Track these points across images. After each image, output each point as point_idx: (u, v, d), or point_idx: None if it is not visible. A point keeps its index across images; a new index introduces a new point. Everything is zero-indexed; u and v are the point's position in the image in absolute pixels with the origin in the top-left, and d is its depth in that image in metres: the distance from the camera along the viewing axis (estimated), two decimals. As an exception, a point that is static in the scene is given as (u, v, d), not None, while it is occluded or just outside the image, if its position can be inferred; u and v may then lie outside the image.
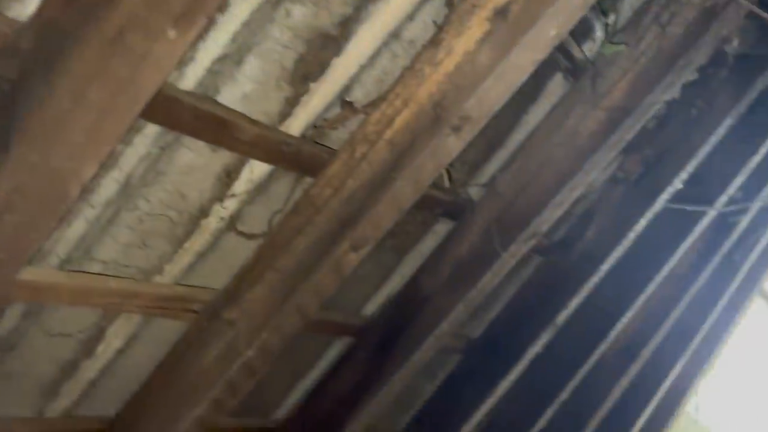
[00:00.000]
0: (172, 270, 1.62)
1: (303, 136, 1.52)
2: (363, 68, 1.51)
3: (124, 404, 1.77)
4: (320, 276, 1.57)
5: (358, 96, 1.57)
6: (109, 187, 1.39)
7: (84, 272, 1.48)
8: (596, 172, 2.07)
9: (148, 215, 1.51)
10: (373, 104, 1.56)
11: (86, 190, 1.36)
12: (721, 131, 2.42)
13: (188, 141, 1.40)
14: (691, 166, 2.39)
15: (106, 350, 1.68)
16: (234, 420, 2.12)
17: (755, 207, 2.70)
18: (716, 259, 3.04)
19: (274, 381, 2.18)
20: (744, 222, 2.85)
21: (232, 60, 1.33)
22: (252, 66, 1.36)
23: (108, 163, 1.35)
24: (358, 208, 1.54)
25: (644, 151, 2.39)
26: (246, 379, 1.66)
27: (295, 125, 1.50)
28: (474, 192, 2.11)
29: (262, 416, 2.25)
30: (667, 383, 3.81)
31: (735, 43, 2.14)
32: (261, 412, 2.24)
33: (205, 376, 1.64)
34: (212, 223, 1.57)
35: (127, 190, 1.43)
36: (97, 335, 1.65)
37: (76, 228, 1.43)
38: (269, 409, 2.26)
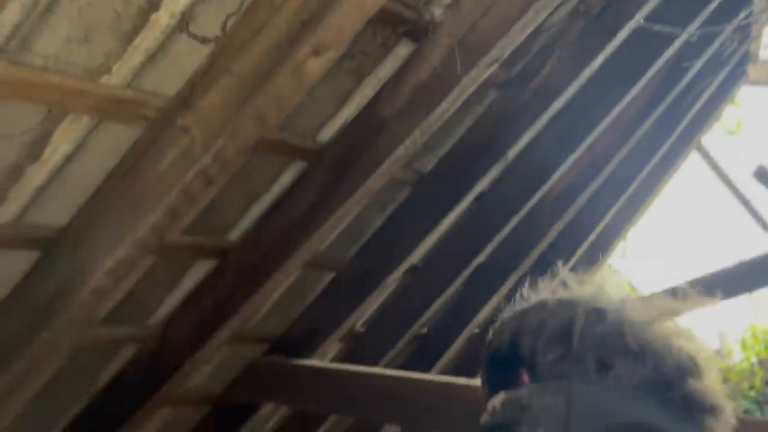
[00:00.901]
0: (121, 70, 1.53)
1: (262, -77, 1.40)
2: None
3: (76, 212, 1.74)
4: (279, 81, 1.52)
5: None
6: (44, -34, 1.26)
7: (24, 64, 1.38)
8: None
9: (90, 5, 1.39)
10: None
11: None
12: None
13: None
14: (653, 1, 2.36)
15: (53, 155, 1.62)
16: (189, 238, 2.14)
17: (727, 31, 2.70)
18: (664, 105, 3.11)
19: (228, 203, 2.18)
20: (696, 68, 2.89)
21: None
22: None
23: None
24: (319, 9, 1.46)
25: (610, -18, 2.33)
26: (203, 188, 1.65)
27: None
28: (438, 13, 2.03)
29: (217, 237, 2.27)
30: (599, 227, 4.04)
31: None
32: (215, 232, 2.26)
33: (160, 183, 1.62)
34: (163, 18, 1.47)
35: (66, -27, 1.30)
36: (42, 138, 1.58)
37: (12, 12, 1.31)
38: (223, 231, 2.28)
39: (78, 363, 2.17)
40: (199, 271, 2.30)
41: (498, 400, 0.66)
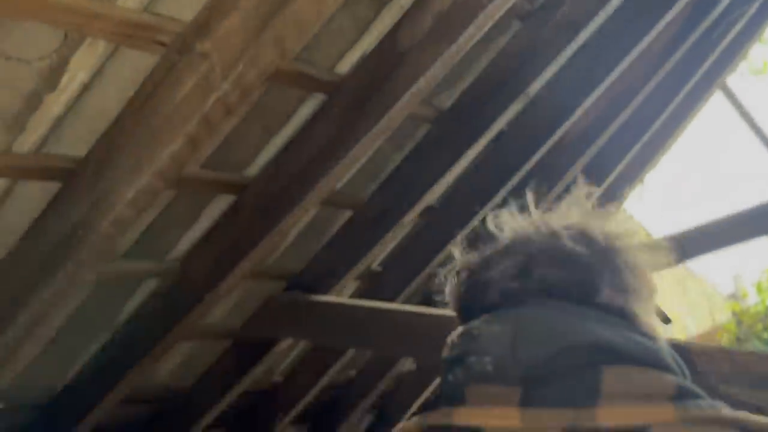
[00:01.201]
0: (137, -7, 1.48)
1: None
2: None
3: (95, 142, 1.72)
4: (299, 3, 1.46)
5: None
6: None
7: (38, -17, 1.34)
8: None
9: None
10: None
11: None
12: None
13: None
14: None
15: (70, 83, 1.59)
16: (207, 172, 2.12)
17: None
18: (692, 38, 3.00)
19: (246, 137, 2.15)
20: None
21: None
22: None
23: None
24: (343, -75, 1.39)
25: None
26: (222, 117, 1.62)
27: None
28: (461, -64, 1.95)
29: (235, 172, 2.25)
30: (618, 169, 3.98)
31: None
32: (234, 168, 2.24)
33: (179, 111, 1.59)
34: (179, -64, 1.41)
35: None
36: (59, 65, 1.54)
37: (24, -73, 1.26)
38: (242, 166, 2.26)
39: (99, 297, 2.19)
40: (218, 206, 2.29)
41: (455, 333, 0.66)
